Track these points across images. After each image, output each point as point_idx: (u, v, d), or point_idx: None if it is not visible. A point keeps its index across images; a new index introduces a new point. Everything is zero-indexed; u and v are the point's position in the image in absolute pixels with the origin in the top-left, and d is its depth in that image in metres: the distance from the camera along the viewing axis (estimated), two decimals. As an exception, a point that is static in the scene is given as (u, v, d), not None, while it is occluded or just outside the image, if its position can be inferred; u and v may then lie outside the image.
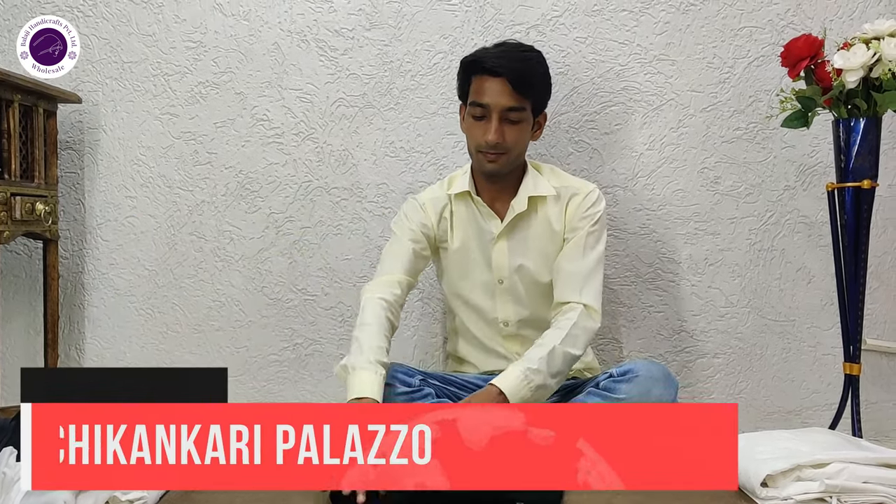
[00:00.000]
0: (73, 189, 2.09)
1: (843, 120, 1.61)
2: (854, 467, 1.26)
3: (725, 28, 2.03)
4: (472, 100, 1.64)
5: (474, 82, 1.64)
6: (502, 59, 1.61)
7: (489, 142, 1.60)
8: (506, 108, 1.60)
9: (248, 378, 2.10)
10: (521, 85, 1.60)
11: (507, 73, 1.59)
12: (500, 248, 1.70)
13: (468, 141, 1.69)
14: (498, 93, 1.60)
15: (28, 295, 2.10)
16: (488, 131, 1.60)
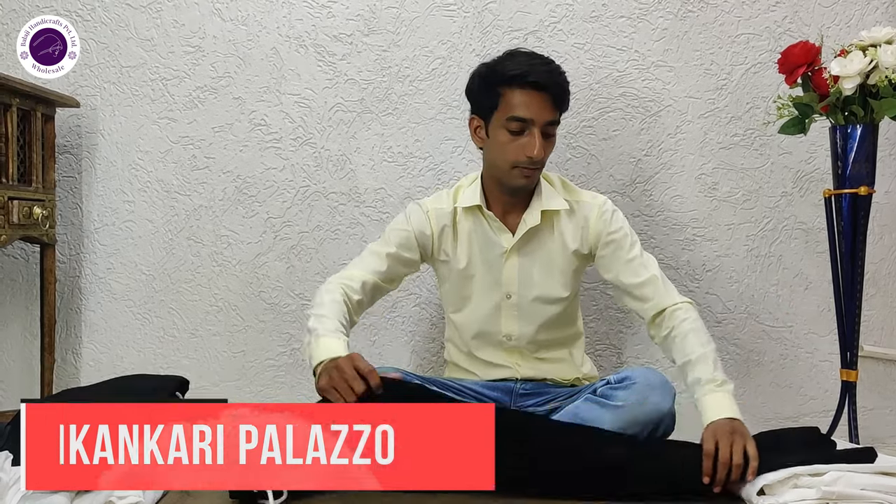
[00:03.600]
0: (71, 193, 2.09)
1: (840, 127, 1.62)
2: (851, 475, 1.26)
3: (723, 35, 2.04)
4: (511, 115, 1.55)
5: (509, 95, 1.56)
6: (544, 73, 1.57)
7: (534, 158, 1.55)
8: (547, 123, 1.57)
9: (245, 383, 2.09)
10: (561, 98, 1.60)
11: (552, 88, 1.56)
12: (510, 263, 1.66)
13: (496, 157, 1.60)
14: (541, 107, 1.56)
15: (25, 299, 2.09)
16: (532, 147, 1.55)
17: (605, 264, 1.65)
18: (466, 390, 1.68)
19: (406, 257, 1.67)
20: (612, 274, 1.64)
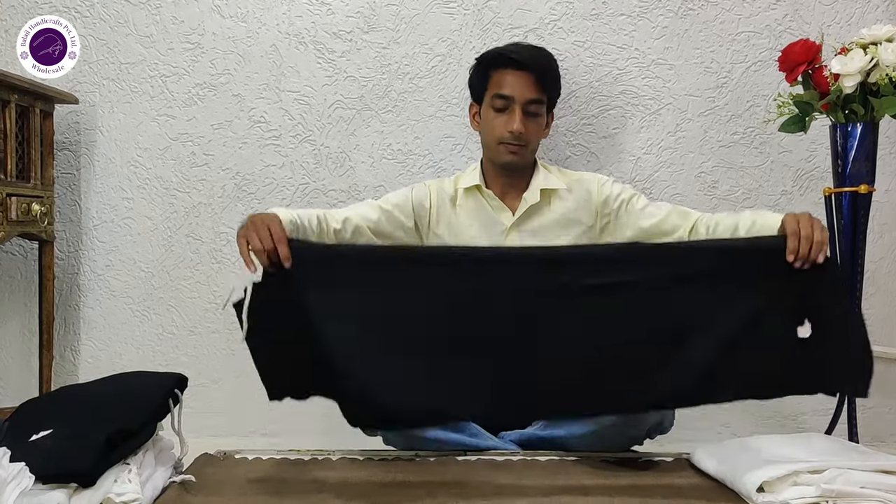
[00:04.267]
0: (70, 190, 2.08)
1: (841, 125, 1.61)
2: (851, 473, 1.25)
3: (723, 33, 2.04)
4: (495, 92, 1.69)
5: (495, 76, 1.70)
6: (526, 53, 1.70)
7: (513, 131, 1.65)
8: (528, 101, 1.67)
9: (243, 380, 2.08)
10: (544, 79, 1.69)
11: (533, 67, 1.67)
12: (511, 241, 1.69)
13: (485, 135, 1.73)
14: (522, 85, 1.67)
15: (23, 296, 2.09)
16: (512, 122, 1.66)
17: (622, 224, 1.70)
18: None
19: (399, 219, 1.70)
20: (633, 228, 1.68)
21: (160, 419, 1.36)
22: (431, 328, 1.35)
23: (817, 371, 1.38)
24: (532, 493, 1.32)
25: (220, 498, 1.29)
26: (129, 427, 1.22)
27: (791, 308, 1.37)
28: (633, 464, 1.48)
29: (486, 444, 1.57)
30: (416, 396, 1.35)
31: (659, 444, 1.74)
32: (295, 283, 1.28)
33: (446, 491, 1.32)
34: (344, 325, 1.31)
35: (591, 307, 1.36)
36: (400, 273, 1.36)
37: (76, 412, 1.26)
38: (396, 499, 1.28)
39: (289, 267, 1.28)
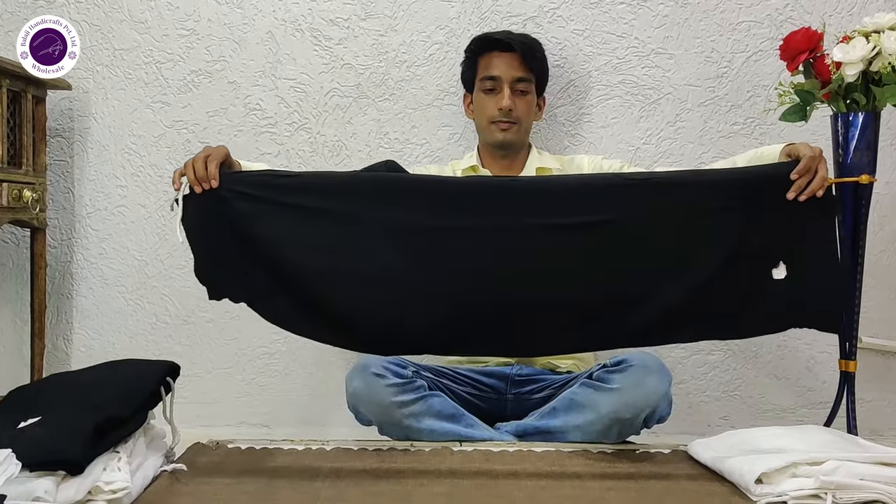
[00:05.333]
0: (63, 177, 2.06)
1: (842, 114, 1.59)
2: (851, 465, 1.24)
3: (724, 22, 2.02)
4: (484, 75, 1.77)
5: (482, 61, 1.79)
6: (511, 36, 1.79)
7: (503, 108, 1.73)
8: (516, 79, 1.75)
9: (237, 371, 2.07)
10: (530, 58, 1.76)
11: (518, 47, 1.75)
12: None
13: (478, 118, 1.81)
14: (509, 65, 1.75)
15: (15, 284, 2.07)
16: (501, 99, 1.73)
17: None
18: (462, 378, 1.67)
19: None
20: None
21: (151, 407, 1.34)
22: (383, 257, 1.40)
23: (788, 308, 1.43)
24: (528, 482, 1.31)
25: (212, 487, 1.28)
26: (119, 415, 1.21)
27: (768, 247, 1.41)
28: (629, 455, 1.47)
29: (481, 435, 1.56)
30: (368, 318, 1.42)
31: (655, 436, 1.73)
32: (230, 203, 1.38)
33: (441, 480, 1.31)
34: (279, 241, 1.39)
35: (568, 243, 1.40)
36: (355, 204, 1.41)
37: (65, 399, 1.25)
38: (390, 487, 1.27)
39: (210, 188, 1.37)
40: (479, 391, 1.68)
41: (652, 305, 1.40)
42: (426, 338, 1.44)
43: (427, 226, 1.40)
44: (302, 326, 1.44)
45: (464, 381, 1.67)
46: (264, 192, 1.39)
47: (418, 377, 1.57)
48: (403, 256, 1.40)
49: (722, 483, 1.32)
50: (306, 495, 1.24)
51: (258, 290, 1.42)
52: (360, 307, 1.40)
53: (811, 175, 1.39)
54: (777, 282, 1.41)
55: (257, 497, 1.23)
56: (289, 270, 1.39)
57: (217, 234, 1.39)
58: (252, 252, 1.39)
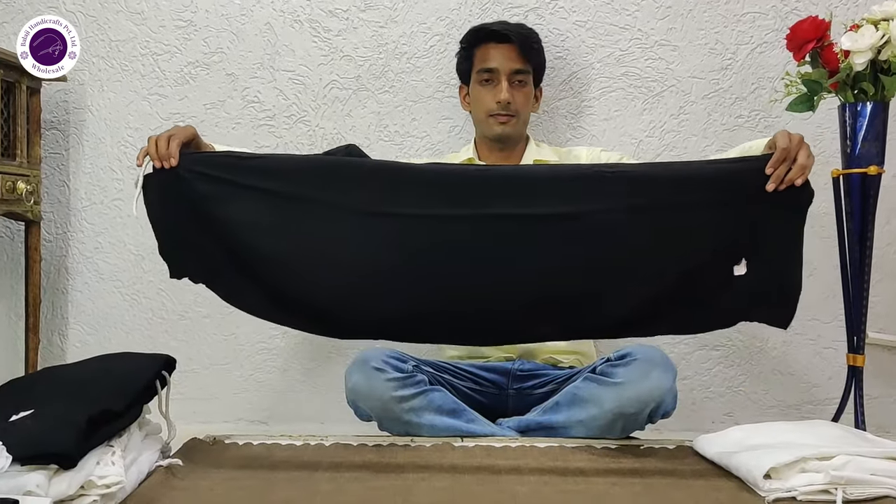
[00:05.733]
0: (58, 170, 2.03)
1: (850, 104, 1.57)
2: (861, 459, 1.21)
3: (728, 13, 1.99)
4: (480, 67, 1.75)
5: (479, 52, 1.76)
6: (507, 26, 1.76)
7: (501, 101, 1.70)
8: (514, 71, 1.72)
9: (235, 367, 2.05)
10: (527, 49, 1.74)
11: (515, 38, 1.72)
12: None
13: (476, 111, 1.78)
14: (506, 57, 1.73)
15: (10, 279, 2.04)
16: (499, 92, 1.71)
17: None
18: (463, 372, 1.64)
19: None
20: None
21: (146, 401, 1.32)
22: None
23: (745, 303, 1.41)
24: (531, 480, 1.28)
25: (209, 482, 1.25)
26: (113, 408, 1.18)
27: (735, 242, 1.39)
28: (633, 450, 1.45)
29: (482, 431, 1.54)
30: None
31: (659, 432, 1.71)
32: (189, 183, 1.38)
33: (442, 475, 1.28)
34: (241, 227, 1.39)
35: (534, 233, 1.39)
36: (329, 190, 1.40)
37: (58, 392, 1.22)
38: (390, 482, 1.24)
39: (170, 167, 1.37)
40: (480, 386, 1.65)
41: (618, 299, 1.39)
42: (381, 322, 1.42)
43: (387, 211, 1.39)
44: (256, 307, 1.44)
45: (464, 375, 1.64)
46: (223, 173, 1.38)
47: (419, 372, 1.55)
48: (360, 241, 1.39)
49: (729, 478, 1.29)
50: (305, 491, 1.21)
51: (216, 270, 1.42)
52: (314, 290, 1.39)
53: (789, 164, 1.35)
54: (738, 278, 1.39)
55: (255, 492, 1.20)
56: (244, 251, 1.39)
57: (176, 212, 1.39)
58: (210, 232, 1.39)
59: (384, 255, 1.39)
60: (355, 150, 1.51)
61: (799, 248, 1.41)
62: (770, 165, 1.35)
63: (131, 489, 1.18)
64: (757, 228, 1.38)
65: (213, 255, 1.40)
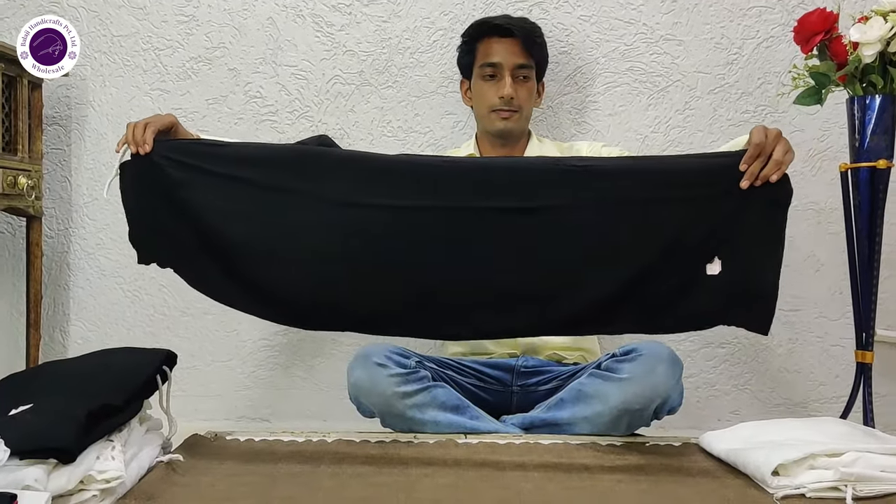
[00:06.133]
0: (60, 166, 2.02)
1: (858, 97, 1.55)
2: (870, 456, 1.20)
3: (734, 8, 1.98)
4: (483, 62, 1.73)
5: (482, 47, 1.75)
6: (510, 21, 1.74)
7: (504, 96, 1.68)
8: (517, 66, 1.71)
9: (237, 363, 2.03)
10: (530, 43, 1.73)
11: (518, 32, 1.71)
12: None
13: (478, 106, 1.76)
14: (509, 51, 1.71)
15: (11, 275, 2.03)
16: (502, 87, 1.69)
17: None
18: (466, 369, 1.63)
19: None
20: None
21: (147, 396, 1.30)
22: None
23: (720, 305, 1.37)
24: (535, 476, 1.27)
25: (210, 478, 1.24)
26: (113, 402, 1.17)
27: (707, 240, 1.35)
28: (639, 447, 1.43)
29: (486, 427, 1.52)
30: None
31: (664, 430, 1.69)
32: (162, 170, 1.39)
33: (445, 471, 1.27)
34: (210, 214, 1.39)
35: (502, 226, 1.37)
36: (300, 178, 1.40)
37: (58, 387, 1.21)
38: (393, 479, 1.23)
39: (144, 153, 1.38)
40: (483, 383, 1.64)
41: (583, 294, 1.37)
42: (344, 314, 1.42)
43: (356, 201, 1.38)
44: (222, 293, 1.44)
45: (468, 372, 1.62)
46: (195, 160, 1.39)
47: (422, 367, 1.53)
48: (327, 230, 1.38)
49: (736, 475, 1.27)
50: (307, 487, 1.19)
51: (184, 256, 1.42)
52: (281, 278, 1.39)
53: (764, 159, 1.32)
54: (710, 277, 1.35)
55: (257, 488, 1.19)
56: (214, 238, 1.39)
57: (149, 199, 1.40)
58: (181, 218, 1.39)
59: (350, 245, 1.38)
60: (327, 140, 1.52)
61: (777, 249, 1.37)
62: (744, 161, 1.32)
63: (131, 484, 1.17)
64: (731, 227, 1.34)
65: (182, 241, 1.40)
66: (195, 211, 1.39)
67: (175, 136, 1.45)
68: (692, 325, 1.45)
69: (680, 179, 1.37)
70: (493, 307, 1.40)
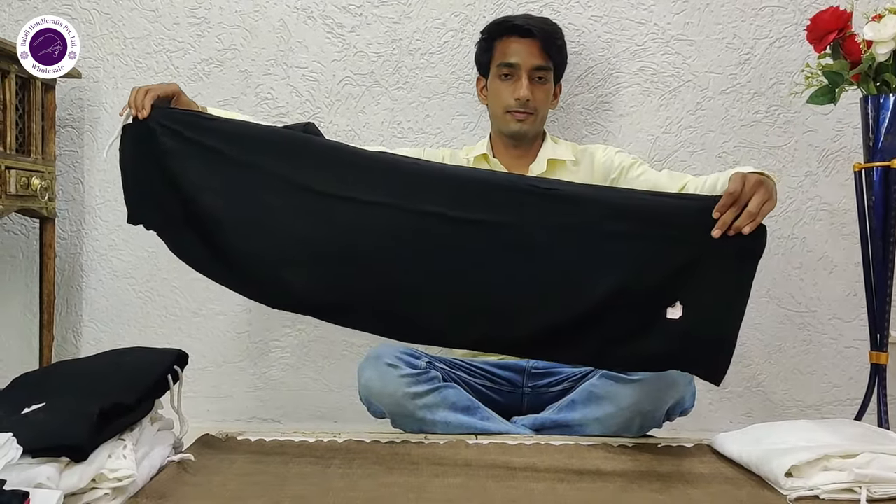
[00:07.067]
0: (73, 167, 2.04)
1: (872, 96, 1.54)
2: (885, 457, 1.19)
3: (746, 7, 1.97)
4: (501, 61, 1.70)
5: (500, 46, 1.72)
6: (531, 21, 1.72)
7: (520, 98, 1.67)
8: (535, 67, 1.69)
9: (248, 364, 2.04)
10: (549, 45, 1.70)
11: (538, 34, 1.68)
12: None
13: (493, 105, 1.75)
14: (527, 52, 1.68)
15: (25, 276, 2.04)
16: (518, 89, 1.67)
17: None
18: (477, 370, 1.63)
19: None
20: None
21: (158, 396, 1.31)
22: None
23: (675, 349, 1.32)
24: (546, 476, 1.26)
25: (221, 478, 1.24)
26: (125, 402, 1.17)
27: (670, 283, 1.31)
28: (651, 448, 1.42)
29: (497, 428, 1.52)
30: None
31: (677, 432, 1.69)
32: (157, 135, 1.41)
33: (456, 472, 1.26)
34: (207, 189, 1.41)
35: (465, 238, 1.35)
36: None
37: (70, 386, 1.21)
38: (404, 479, 1.22)
39: (141, 117, 1.41)
40: (494, 384, 1.64)
41: (536, 319, 1.33)
42: (307, 299, 1.41)
43: (332, 192, 1.38)
44: (198, 262, 1.46)
45: (479, 373, 1.62)
46: (187, 130, 1.41)
47: (432, 368, 1.53)
48: (300, 216, 1.39)
49: (749, 477, 1.27)
50: (318, 487, 1.19)
51: (168, 221, 1.44)
52: (251, 255, 1.40)
53: (738, 209, 1.27)
54: (670, 321, 1.31)
55: (267, 488, 1.19)
56: (195, 208, 1.41)
57: (142, 162, 1.43)
58: (168, 184, 1.42)
59: (320, 233, 1.38)
60: (312, 128, 1.52)
61: (741, 301, 1.32)
62: (716, 209, 1.28)
63: (143, 483, 1.17)
64: (697, 273, 1.30)
65: (168, 207, 1.42)
66: (180, 178, 1.41)
67: (177, 104, 1.46)
68: (645, 365, 1.40)
69: (652, 216, 1.33)
70: (446, 315, 1.37)
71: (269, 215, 1.39)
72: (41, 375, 1.34)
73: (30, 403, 1.15)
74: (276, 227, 1.39)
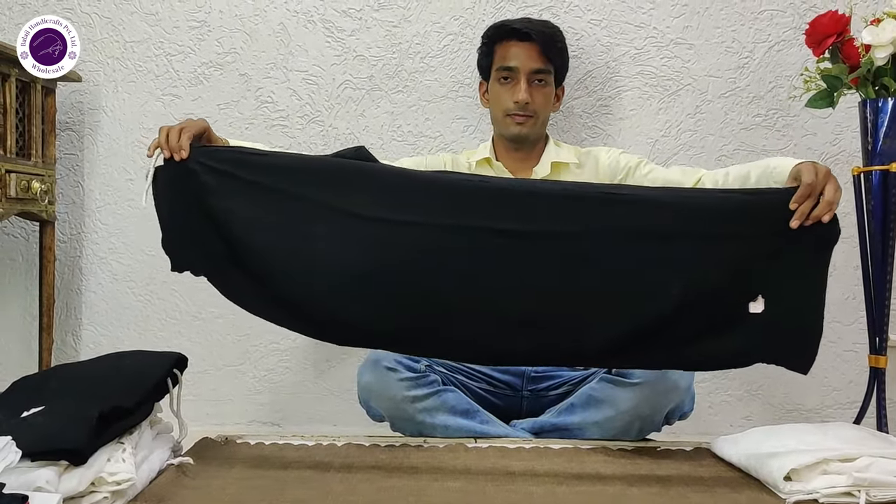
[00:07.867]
0: (72, 171, 2.04)
1: (871, 100, 1.54)
2: (884, 461, 1.18)
3: (745, 11, 1.97)
4: (500, 65, 1.71)
5: (500, 49, 1.73)
6: (530, 24, 1.72)
7: (519, 101, 1.67)
8: (534, 71, 1.69)
9: (248, 367, 2.04)
10: (549, 49, 1.70)
11: (537, 37, 1.68)
12: None
13: (494, 109, 1.75)
14: (527, 56, 1.69)
15: (25, 279, 2.04)
16: (517, 92, 1.67)
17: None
18: (476, 373, 1.63)
19: None
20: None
21: (158, 399, 1.31)
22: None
23: (760, 344, 1.32)
24: (546, 480, 1.26)
25: (220, 481, 1.24)
26: (124, 405, 1.17)
27: (750, 278, 1.31)
28: (650, 452, 1.42)
29: (497, 432, 1.52)
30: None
31: (676, 435, 1.68)
32: (197, 176, 1.36)
33: (455, 476, 1.26)
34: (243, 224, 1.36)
35: (533, 252, 1.32)
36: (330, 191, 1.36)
37: (69, 389, 1.21)
38: (403, 483, 1.22)
39: (180, 159, 1.35)
40: (493, 388, 1.64)
41: (609, 327, 1.31)
42: (368, 330, 1.37)
43: (387, 218, 1.34)
44: (251, 303, 1.41)
45: (478, 377, 1.62)
46: (230, 167, 1.37)
47: (431, 372, 1.53)
48: (357, 245, 1.34)
49: (748, 480, 1.26)
50: (317, 491, 1.19)
51: (216, 264, 1.39)
52: (307, 291, 1.35)
53: (814, 199, 1.28)
54: (753, 315, 1.31)
55: (267, 492, 1.19)
56: (244, 247, 1.36)
57: (182, 205, 1.37)
58: (213, 225, 1.37)
59: (379, 262, 1.34)
60: (364, 152, 1.46)
61: (821, 290, 1.34)
62: (794, 201, 1.28)
63: (142, 487, 1.17)
64: (777, 265, 1.31)
65: (215, 248, 1.37)
66: (227, 217, 1.36)
67: (208, 141, 1.42)
68: (730, 363, 1.40)
69: (729, 215, 1.33)
70: (510, 333, 1.34)
71: (327, 248, 1.34)
72: (40, 379, 1.34)
73: (29, 407, 1.15)
74: (336, 259, 1.34)
